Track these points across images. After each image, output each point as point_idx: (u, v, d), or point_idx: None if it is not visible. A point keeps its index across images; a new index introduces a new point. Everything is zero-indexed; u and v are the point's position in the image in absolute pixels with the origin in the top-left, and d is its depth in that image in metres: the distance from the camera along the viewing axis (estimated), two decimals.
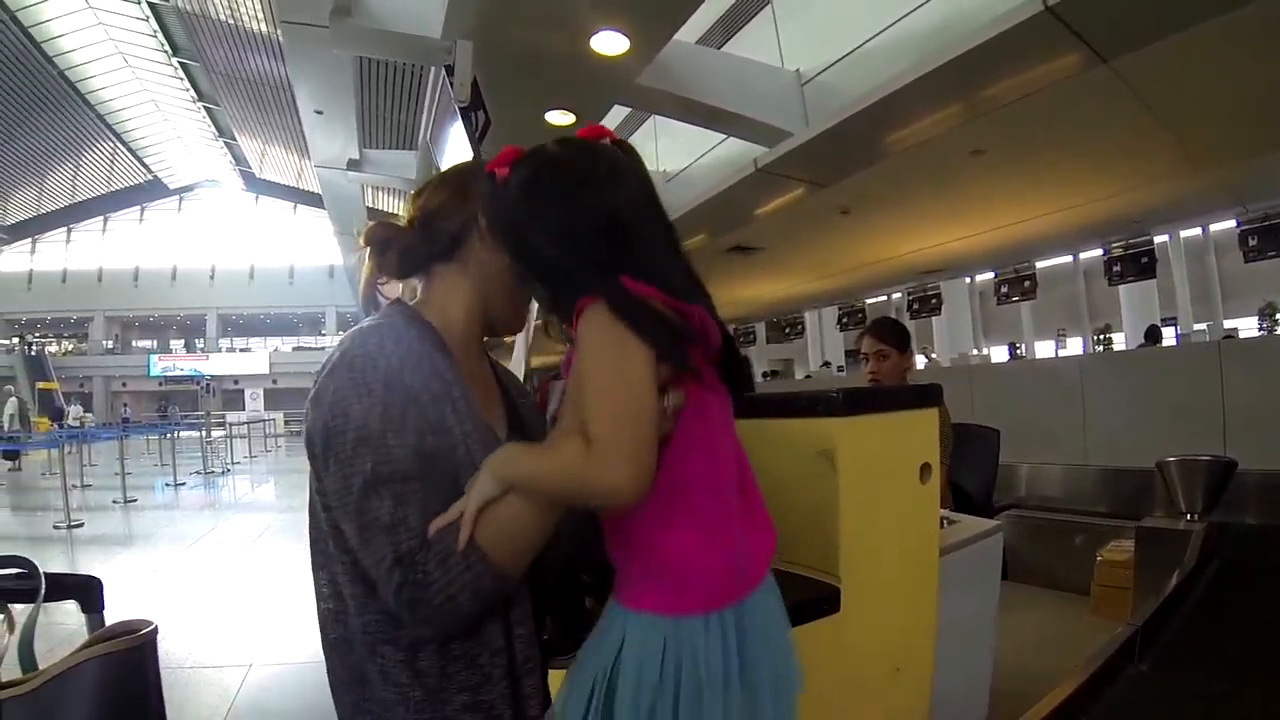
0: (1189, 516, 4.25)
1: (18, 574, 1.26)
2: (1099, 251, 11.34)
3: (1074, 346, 23.49)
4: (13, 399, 21.86)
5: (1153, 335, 13.82)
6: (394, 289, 1.26)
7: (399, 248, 1.22)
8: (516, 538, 1.00)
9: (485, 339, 1.30)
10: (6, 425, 20.56)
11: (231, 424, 23.46)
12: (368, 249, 1.23)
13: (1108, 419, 6.11)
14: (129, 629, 1.08)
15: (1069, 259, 20.62)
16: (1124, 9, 4.17)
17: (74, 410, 29.64)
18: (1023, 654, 3.79)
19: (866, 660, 1.53)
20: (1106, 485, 5.63)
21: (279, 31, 6.15)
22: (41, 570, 1.25)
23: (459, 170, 1.30)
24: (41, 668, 1.06)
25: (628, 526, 1.01)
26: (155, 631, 1.10)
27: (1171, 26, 4.28)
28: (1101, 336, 20.14)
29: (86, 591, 1.35)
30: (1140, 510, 4.95)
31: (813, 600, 1.43)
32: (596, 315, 0.95)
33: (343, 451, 1.00)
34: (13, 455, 16.58)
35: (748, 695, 0.96)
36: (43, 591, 1.21)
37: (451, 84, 5.11)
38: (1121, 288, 13.86)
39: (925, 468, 1.60)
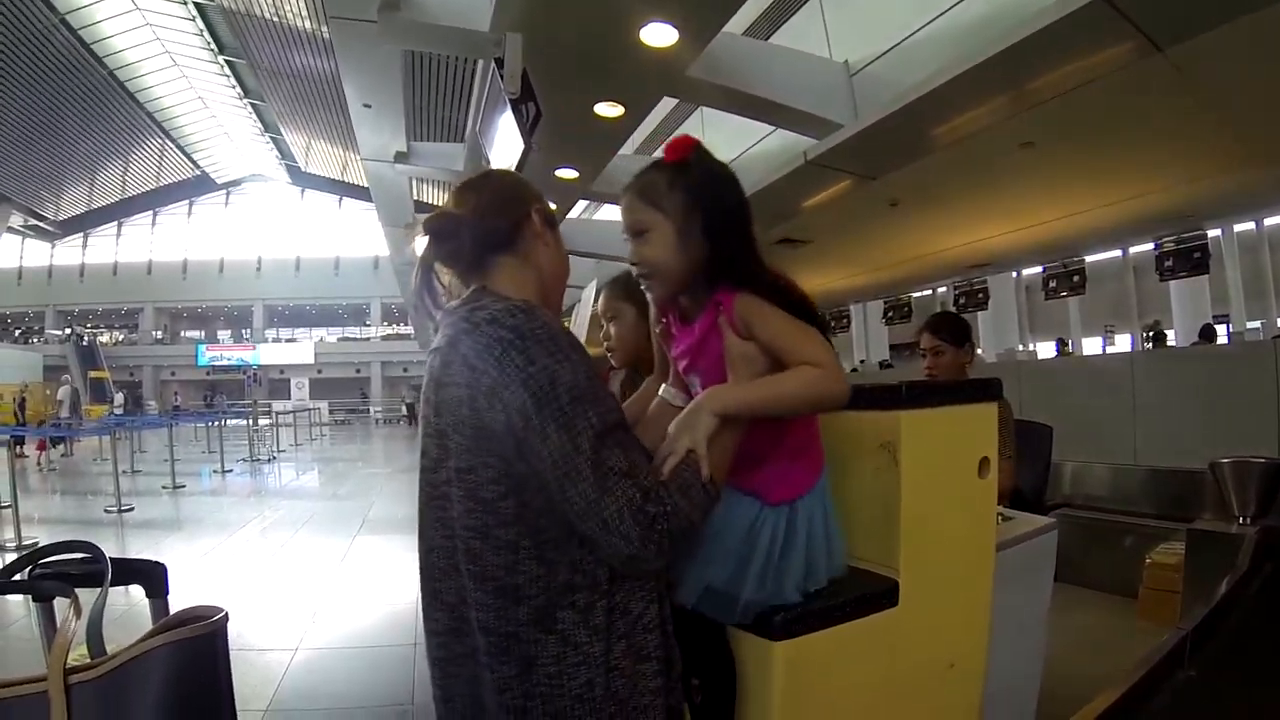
0: (1241, 519, 4.14)
1: (83, 559, 1.27)
2: (1149, 246, 11.12)
3: (1122, 343, 23.01)
4: (66, 386, 22.47)
5: (1207, 334, 13.51)
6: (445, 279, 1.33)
7: (469, 236, 1.27)
8: (726, 460, 1.21)
9: None
10: (59, 412, 21.20)
11: (277, 413, 23.82)
12: (427, 238, 1.27)
13: (1159, 418, 5.99)
14: (199, 615, 1.09)
15: (1118, 253, 20.23)
16: None
17: (118, 398, 30.16)
18: (1070, 656, 3.70)
19: (922, 655, 1.52)
20: (1156, 485, 5.46)
21: (328, 28, 6.20)
22: (107, 555, 1.26)
23: (504, 172, 1.48)
24: (109, 651, 1.07)
25: (785, 443, 1.36)
26: (226, 618, 1.11)
27: (1231, 12, 4.14)
28: (1150, 333, 19.71)
29: (151, 577, 1.38)
30: (1190, 511, 4.83)
31: (872, 594, 1.43)
32: (754, 302, 1.28)
33: (562, 415, 1.06)
34: (58, 440, 17.04)
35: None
36: (109, 576, 1.22)
37: (502, 76, 5.10)
38: (1172, 283, 13.58)
39: (984, 462, 1.58)
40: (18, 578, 1.24)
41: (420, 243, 1.27)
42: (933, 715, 1.57)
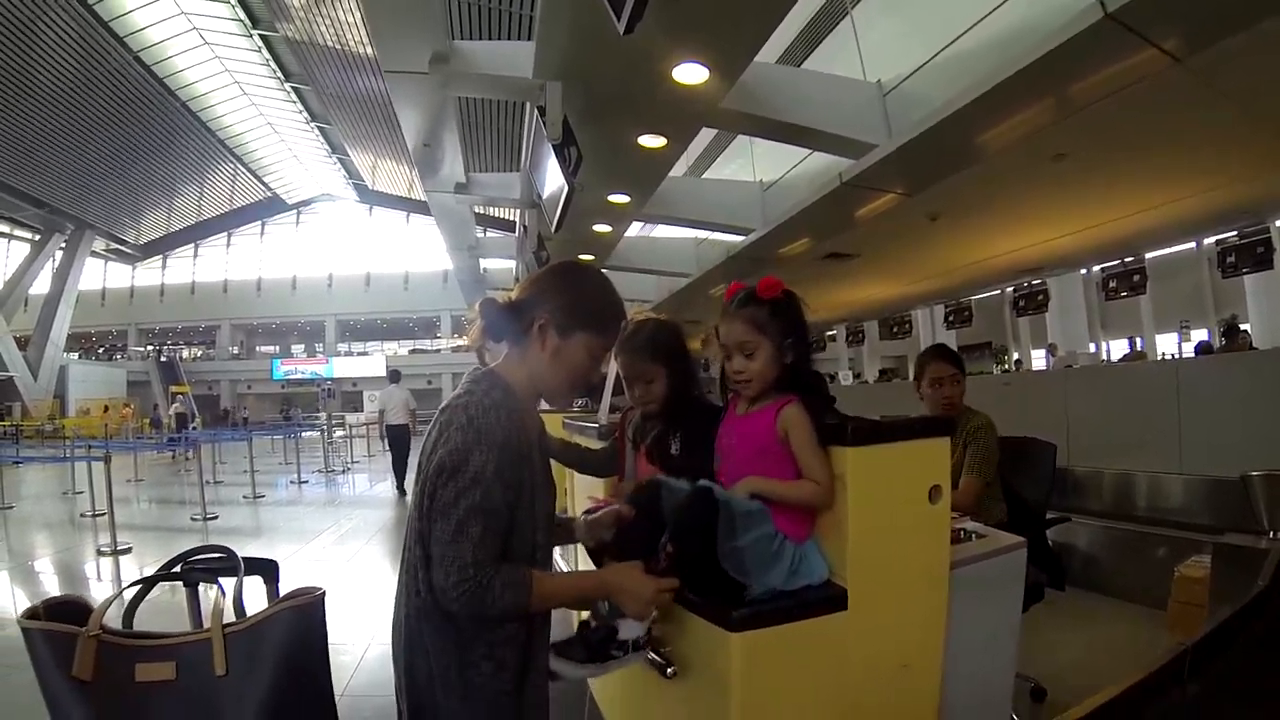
0: (1272, 534, 4.12)
1: (219, 557, 1.80)
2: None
3: (1198, 339, 22.13)
4: (178, 405, 24.02)
5: (1231, 332, 13.12)
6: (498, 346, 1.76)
7: (489, 322, 1.71)
8: (555, 599, 1.63)
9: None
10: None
11: (350, 425, 24.43)
12: (478, 314, 1.73)
13: (1204, 425, 5.66)
14: (306, 591, 1.59)
15: (1192, 246, 19.48)
16: (1184, 9, 4.02)
17: (174, 408, 27.05)
18: (1096, 664, 3.81)
19: (874, 654, 1.78)
20: (1191, 495, 5.40)
21: (384, 81, 6.59)
22: (240, 555, 1.79)
23: (548, 278, 1.77)
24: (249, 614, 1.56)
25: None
26: (324, 594, 1.60)
27: (1239, 24, 4.09)
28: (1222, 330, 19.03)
29: (269, 570, 1.90)
30: (1225, 523, 4.80)
31: (822, 598, 1.72)
32: (798, 416, 1.76)
33: (461, 482, 1.46)
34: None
35: None
36: (243, 569, 1.74)
37: (544, 124, 5.44)
38: (1247, 278, 13.15)
39: (935, 489, 1.83)
40: (176, 570, 1.79)
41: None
42: (889, 708, 1.82)
